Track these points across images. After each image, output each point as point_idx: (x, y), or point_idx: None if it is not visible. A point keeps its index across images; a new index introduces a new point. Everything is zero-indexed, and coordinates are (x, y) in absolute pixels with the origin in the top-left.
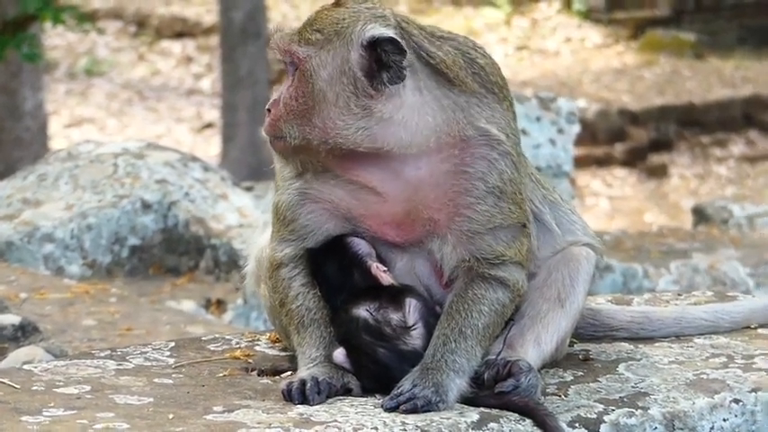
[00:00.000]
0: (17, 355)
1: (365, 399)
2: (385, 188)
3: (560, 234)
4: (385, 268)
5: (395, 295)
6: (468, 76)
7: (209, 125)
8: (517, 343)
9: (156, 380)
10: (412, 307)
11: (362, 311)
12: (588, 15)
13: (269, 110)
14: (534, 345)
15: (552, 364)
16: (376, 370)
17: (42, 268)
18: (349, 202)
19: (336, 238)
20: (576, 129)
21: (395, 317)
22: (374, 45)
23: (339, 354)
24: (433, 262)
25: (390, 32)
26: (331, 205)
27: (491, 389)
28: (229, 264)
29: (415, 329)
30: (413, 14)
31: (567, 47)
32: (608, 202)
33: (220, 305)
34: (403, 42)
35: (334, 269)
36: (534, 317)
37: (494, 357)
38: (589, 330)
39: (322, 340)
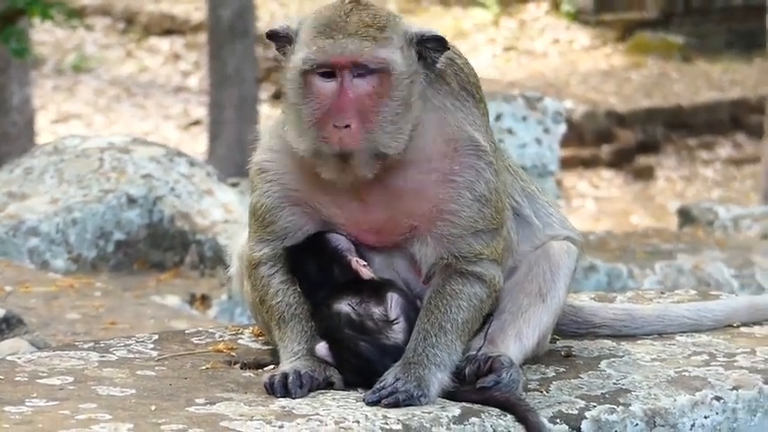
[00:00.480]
0: (1, 348)
1: (347, 392)
2: (369, 196)
3: (540, 228)
4: (365, 263)
5: (376, 289)
6: (451, 75)
7: (196, 122)
8: (498, 338)
9: (138, 372)
10: (393, 301)
11: (344, 306)
12: (576, 17)
13: (347, 125)
14: (516, 340)
15: (534, 359)
16: (358, 364)
17: (27, 262)
18: (330, 209)
19: (315, 234)
20: (562, 128)
21: (377, 311)
22: (420, 43)
23: (321, 347)
24: (411, 259)
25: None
26: (312, 210)
27: (472, 384)
28: (214, 259)
29: (396, 323)
30: (402, 14)
31: (555, 48)
32: (594, 203)
33: (205, 300)
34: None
35: (313, 265)
36: (515, 312)
37: (474, 353)
38: (572, 327)
39: (303, 334)
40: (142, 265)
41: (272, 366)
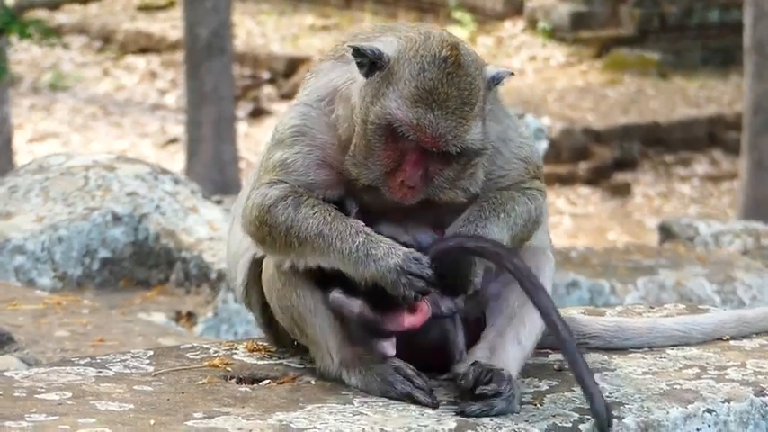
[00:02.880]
0: None
1: (343, 406)
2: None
3: None
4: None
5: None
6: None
7: (173, 140)
8: (498, 345)
9: (135, 387)
10: None
11: None
12: (553, 34)
13: (411, 186)
14: (515, 344)
15: (525, 371)
16: None
17: (13, 280)
18: (368, 193)
19: None
20: (543, 145)
21: None
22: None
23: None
24: (431, 218)
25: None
26: (344, 181)
27: (469, 391)
28: (199, 277)
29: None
30: None
31: (532, 65)
32: (571, 220)
33: (190, 318)
34: None
35: None
36: (510, 315)
37: (478, 361)
38: None
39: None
40: (127, 282)
41: (267, 381)
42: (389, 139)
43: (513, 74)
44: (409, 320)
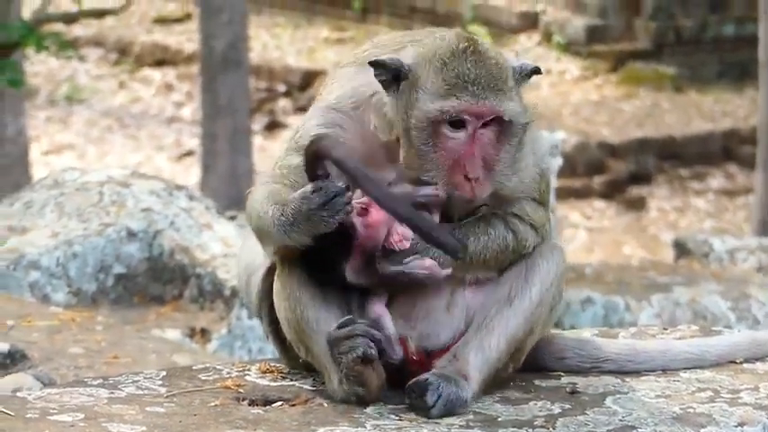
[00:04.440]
0: (5, 383)
1: (355, 429)
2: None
3: None
4: None
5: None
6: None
7: (188, 153)
8: (460, 352)
9: (148, 408)
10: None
11: None
12: (568, 48)
13: (476, 178)
14: (477, 351)
15: (536, 394)
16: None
17: (28, 295)
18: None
19: None
20: (558, 162)
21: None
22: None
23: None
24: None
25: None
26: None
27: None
28: (214, 293)
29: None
30: None
31: (547, 79)
32: (586, 234)
33: (205, 334)
34: None
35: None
36: (481, 322)
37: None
38: (575, 361)
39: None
40: (142, 298)
41: (280, 403)
42: (437, 139)
43: (539, 70)
44: (365, 221)
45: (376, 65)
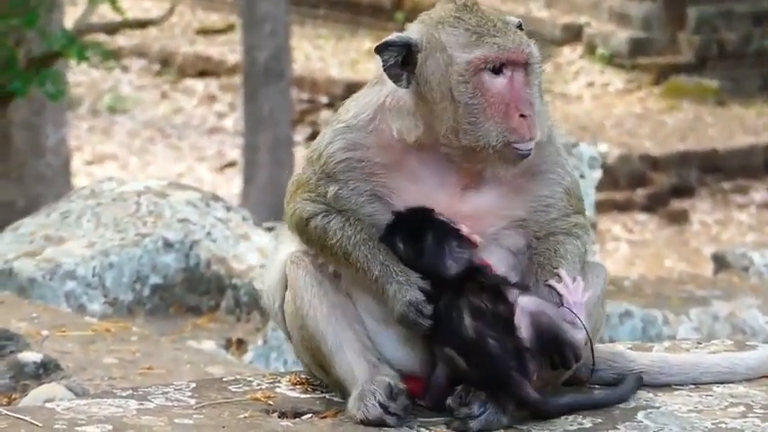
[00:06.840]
0: (38, 393)
1: None
2: (468, 190)
3: None
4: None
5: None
6: None
7: (230, 164)
8: None
9: (176, 420)
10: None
11: (467, 298)
12: (611, 60)
13: (525, 115)
14: None
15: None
16: (484, 362)
17: (64, 305)
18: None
19: (410, 210)
20: (597, 174)
21: (501, 307)
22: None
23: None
24: (500, 250)
25: None
26: (395, 202)
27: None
28: (250, 304)
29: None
30: None
31: (590, 92)
32: (628, 247)
33: (241, 345)
34: None
35: (426, 237)
36: None
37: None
38: (609, 372)
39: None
40: (178, 309)
41: (309, 415)
42: (483, 87)
43: (521, 26)
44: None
45: (383, 47)
